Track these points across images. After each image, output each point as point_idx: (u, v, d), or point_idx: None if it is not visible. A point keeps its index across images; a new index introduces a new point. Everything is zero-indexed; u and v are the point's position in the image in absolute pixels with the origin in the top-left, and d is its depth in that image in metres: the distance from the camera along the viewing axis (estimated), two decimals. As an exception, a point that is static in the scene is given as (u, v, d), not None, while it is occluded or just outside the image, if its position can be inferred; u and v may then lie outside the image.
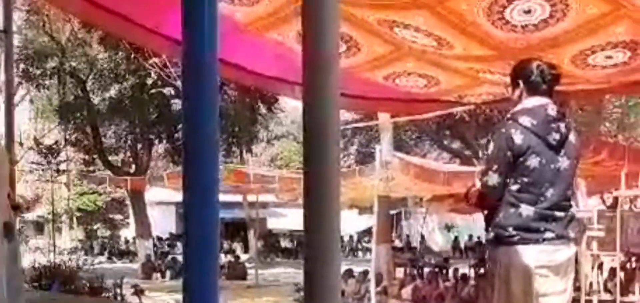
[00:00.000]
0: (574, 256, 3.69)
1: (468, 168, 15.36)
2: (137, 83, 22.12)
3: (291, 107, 27.64)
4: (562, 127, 3.57)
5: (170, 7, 3.00)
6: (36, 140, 24.83)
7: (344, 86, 5.14)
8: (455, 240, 32.02)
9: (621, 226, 10.95)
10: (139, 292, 13.33)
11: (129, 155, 25.33)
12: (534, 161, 3.50)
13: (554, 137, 3.53)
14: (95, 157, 25.09)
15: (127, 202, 29.16)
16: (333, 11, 1.85)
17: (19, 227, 6.58)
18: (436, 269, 17.92)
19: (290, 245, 33.87)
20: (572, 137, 3.62)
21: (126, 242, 33.45)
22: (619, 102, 21.29)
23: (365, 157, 25.19)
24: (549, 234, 3.51)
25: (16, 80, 19.72)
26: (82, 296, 11.31)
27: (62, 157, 24.94)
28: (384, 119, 16.52)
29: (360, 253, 33.00)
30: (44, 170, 23.36)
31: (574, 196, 3.83)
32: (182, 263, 2.03)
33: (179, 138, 22.74)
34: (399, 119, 15.92)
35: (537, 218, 3.50)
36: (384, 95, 6.21)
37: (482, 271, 15.31)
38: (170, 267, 23.27)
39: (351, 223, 31.39)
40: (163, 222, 31.59)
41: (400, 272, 18.33)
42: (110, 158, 24.78)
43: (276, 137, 37.17)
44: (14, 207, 4.87)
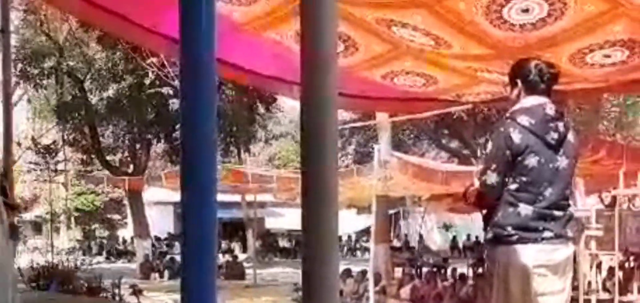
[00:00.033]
0: (572, 255, 3.70)
1: (466, 167, 15.34)
2: (135, 83, 22.08)
3: (289, 106, 27.65)
4: (561, 126, 3.57)
5: (168, 6, 3.00)
6: (34, 140, 24.84)
7: (342, 85, 5.14)
8: (454, 240, 32.03)
9: (620, 225, 10.95)
10: (137, 292, 13.30)
11: (127, 155, 25.31)
12: (532, 160, 3.50)
13: (553, 137, 3.54)
14: (93, 156, 25.03)
15: (125, 202, 29.18)
16: (331, 10, 1.84)
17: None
18: (434, 269, 17.91)
19: (288, 244, 33.91)
20: (570, 136, 3.63)
21: (124, 242, 33.44)
22: (616, 101, 21.33)
23: (363, 157, 25.20)
24: (547, 233, 3.51)
25: (14, 80, 19.68)
26: (80, 296, 11.29)
27: (60, 156, 24.98)
28: (382, 118, 16.51)
29: (358, 253, 33.03)
30: (41, 170, 23.41)
31: (572, 195, 3.83)
32: (180, 263, 2.03)
33: (176, 138, 22.70)
34: (397, 118, 15.91)
35: (536, 218, 3.50)
36: (382, 94, 6.21)
37: (480, 270, 15.32)
38: (169, 266, 23.25)
39: (349, 223, 31.39)
40: (161, 221, 31.57)
41: (398, 272, 18.31)
42: (108, 158, 24.75)
43: (274, 137, 37.14)
44: (12, 207, 4.87)
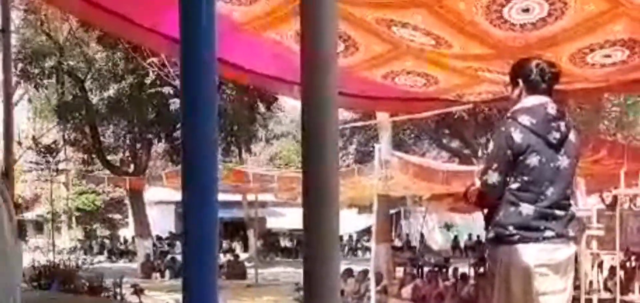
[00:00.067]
0: (573, 255, 3.69)
1: (467, 167, 15.35)
2: (136, 82, 22.06)
3: (290, 106, 27.64)
4: (562, 126, 3.57)
5: (168, 6, 3.00)
6: (35, 139, 24.83)
7: (343, 85, 5.15)
8: (455, 239, 32.06)
9: (621, 225, 10.96)
10: (138, 291, 13.32)
11: (127, 154, 25.30)
12: (534, 160, 3.50)
13: (554, 136, 3.53)
14: (94, 156, 25.01)
15: (126, 202, 29.16)
16: (331, 10, 1.84)
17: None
18: (436, 268, 17.92)
19: (289, 244, 33.90)
20: (572, 136, 3.62)
21: (125, 241, 33.44)
22: (617, 100, 21.31)
23: (364, 156, 25.19)
24: (549, 233, 3.51)
25: (14, 79, 19.71)
26: (81, 295, 11.30)
27: (61, 156, 24.94)
28: (383, 118, 16.52)
29: (359, 253, 33.01)
30: (42, 169, 23.37)
31: (574, 195, 3.83)
32: (181, 263, 2.03)
33: (177, 137, 22.70)
34: (397, 118, 15.92)
35: (537, 217, 3.50)
36: (383, 94, 6.21)
37: (481, 270, 15.31)
38: (170, 266, 23.25)
39: (350, 222, 31.39)
40: (162, 221, 31.56)
41: (399, 271, 18.33)
42: (109, 158, 24.74)
43: (275, 136, 37.17)
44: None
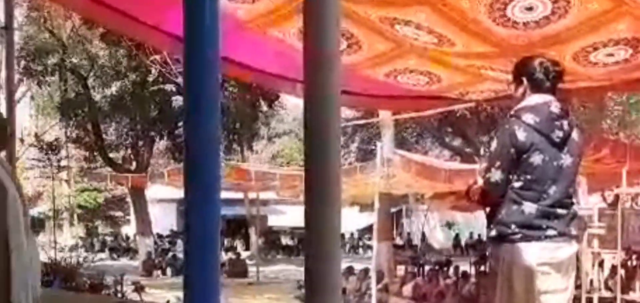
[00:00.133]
0: (575, 254, 3.69)
1: (469, 165, 15.33)
2: (138, 80, 22.10)
3: (292, 104, 27.61)
4: (566, 125, 3.57)
5: (172, 3, 3.00)
6: (37, 136, 24.87)
7: (345, 83, 5.15)
8: (456, 238, 32.09)
9: (622, 224, 10.94)
10: (139, 289, 13.31)
11: (129, 152, 25.29)
12: (537, 158, 3.50)
13: (558, 135, 3.53)
14: (96, 154, 25.03)
15: (128, 199, 29.17)
16: (334, 8, 1.84)
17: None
18: (437, 267, 17.88)
19: (291, 242, 33.89)
20: (575, 135, 3.62)
21: (127, 239, 33.47)
22: (620, 99, 21.27)
23: (366, 155, 25.20)
24: (551, 232, 3.51)
25: (17, 76, 19.74)
26: (82, 293, 11.32)
27: (63, 153, 24.98)
28: (385, 116, 16.52)
29: (361, 251, 32.99)
30: (44, 166, 23.42)
31: (575, 193, 3.83)
32: (182, 261, 2.03)
33: (179, 135, 22.73)
34: (400, 116, 15.92)
35: (540, 216, 3.50)
36: (385, 92, 6.20)
37: (483, 268, 15.32)
38: (171, 264, 23.28)
39: (352, 220, 31.40)
40: (164, 219, 31.58)
41: (401, 270, 18.32)
42: (111, 155, 24.75)
43: (277, 135, 37.18)
44: None
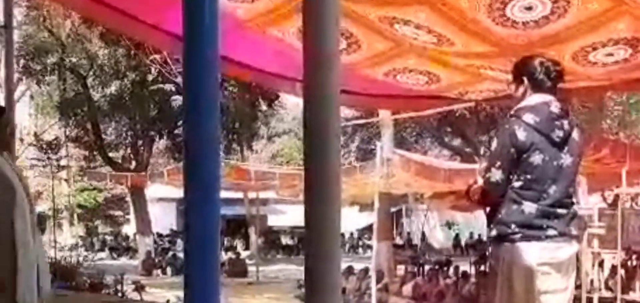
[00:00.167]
0: (575, 254, 3.69)
1: (469, 165, 15.33)
2: (138, 79, 22.09)
3: (292, 103, 27.60)
4: (566, 124, 3.57)
5: (171, 3, 3.00)
6: (36, 136, 24.85)
7: (345, 83, 5.14)
8: (456, 238, 32.07)
9: (622, 224, 10.93)
10: (139, 288, 13.32)
11: (129, 151, 25.28)
12: (537, 158, 3.49)
13: (558, 134, 3.53)
14: (95, 153, 25.02)
15: (128, 199, 29.14)
16: (334, 8, 1.84)
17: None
18: (437, 266, 17.87)
19: (290, 242, 33.87)
20: (575, 134, 3.62)
21: (126, 238, 33.45)
22: (620, 99, 21.26)
23: (366, 154, 25.21)
24: (551, 232, 3.51)
25: (16, 76, 19.70)
26: (82, 292, 11.32)
27: (63, 153, 24.95)
28: (385, 115, 16.52)
29: (361, 251, 32.98)
30: (44, 166, 23.40)
31: (575, 193, 3.82)
32: (182, 260, 2.03)
33: (179, 134, 22.73)
34: (399, 116, 15.91)
35: (540, 216, 3.50)
36: (385, 92, 6.20)
37: (482, 268, 15.32)
38: (171, 263, 23.27)
39: (352, 220, 31.38)
40: (163, 218, 31.56)
41: (401, 269, 18.33)
42: (110, 155, 24.72)
43: (277, 134, 37.16)
44: None
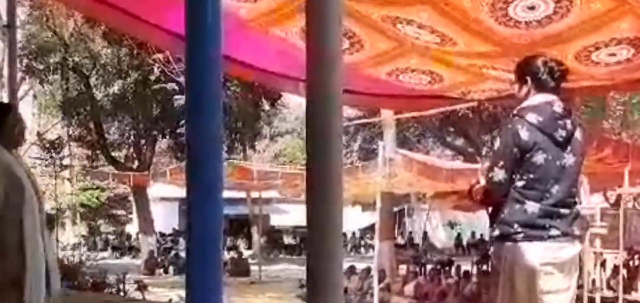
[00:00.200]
0: (578, 254, 3.69)
1: (471, 165, 15.33)
2: (140, 79, 22.09)
3: (295, 103, 27.64)
4: (569, 124, 3.57)
5: (173, 2, 3.00)
6: (39, 135, 24.84)
7: (347, 82, 5.14)
8: (458, 237, 32.02)
9: (624, 224, 10.92)
10: (142, 287, 13.34)
11: (132, 150, 25.30)
12: (539, 157, 3.49)
13: (560, 134, 3.53)
14: (98, 152, 25.06)
15: (131, 198, 29.15)
16: (337, 7, 1.84)
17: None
18: (439, 266, 17.88)
19: (293, 241, 33.86)
20: (578, 134, 3.62)
21: (129, 237, 33.48)
22: (622, 99, 21.22)
23: (368, 154, 25.21)
24: (554, 231, 3.50)
25: (19, 75, 19.74)
26: (85, 291, 11.34)
27: (65, 152, 24.96)
28: (387, 115, 16.50)
29: (363, 250, 32.97)
30: (47, 165, 23.38)
31: (578, 193, 3.82)
32: (185, 259, 2.03)
33: (182, 134, 22.71)
34: (402, 116, 15.89)
35: (543, 215, 3.49)
36: (387, 91, 6.20)
37: (484, 268, 15.32)
38: (173, 262, 23.27)
39: (354, 220, 31.39)
40: (166, 217, 31.58)
41: (402, 269, 18.31)
42: (113, 154, 24.74)
43: (280, 134, 37.19)
44: None
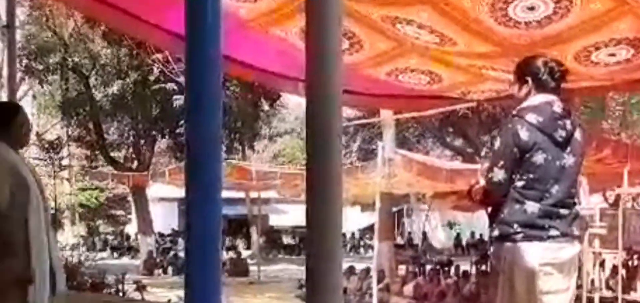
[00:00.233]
0: (577, 254, 3.69)
1: (470, 165, 15.34)
2: (140, 79, 22.08)
3: (294, 103, 27.63)
4: (568, 124, 3.57)
5: (173, 2, 3.00)
6: (39, 135, 24.83)
7: (347, 83, 5.14)
8: (457, 237, 32.01)
9: (623, 224, 10.92)
10: (141, 288, 13.33)
11: (131, 151, 25.28)
12: (539, 157, 3.49)
13: (560, 134, 3.53)
14: (97, 152, 25.03)
15: (129, 198, 29.15)
16: (336, 7, 1.84)
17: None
18: (438, 266, 17.88)
19: (292, 241, 33.85)
20: (577, 135, 3.62)
21: (128, 238, 33.46)
22: (621, 99, 21.23)
23: (367, 154, 25.22)
24: (553, 232, 3.50)
25: (19, 75, 19.72)
26: (84, 292, 11.33)
27: (65, 152, 24.97)
28: (387, 115, 16.50)
29: (362, 251, 32.94)
30: (46, 165, 23.38)
31: (577, 194, 3.82)
32: (183, 260, 2.03)
33: (181, 134, 22.70)
34: (401, 116, 15.90)
35: (542, 215, 3.49)
36: (387, 91, 6.20)
37: (484, 268, 15.32)
38: (172, 263, 23.27)
39: (353, 220, 31.39)
40: (165, 218, 31.56)
41: (402, 269, 18.32)
42: (112, 154, 24.72)
43: (279, 134, 37.18)
44: None
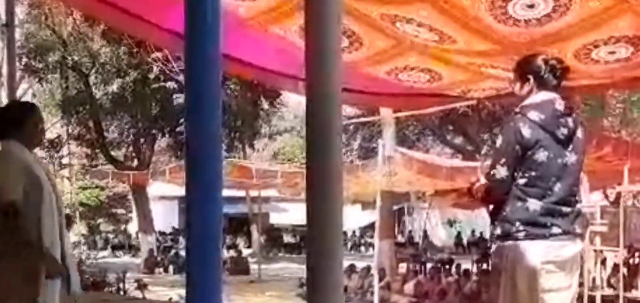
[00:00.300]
0: (579, 252, 3.69)
1: (471, 163, 15.34)
2: (140, 77, 22.08)
3: (294, 101, 27.62)
4: (570, 122, 3.57)
5: (173, 1, 3.00)
6: (39, 134, 24.80)
7: (347, 81, 5.13)
8: (458, 236, 32.04)
9: (624, 221, 10.93)
10: (141, 286, 13.36)
11: (131, 149, 25.30)
12: (541, 155, 3.50)
13: (562, 132, 3.53)
14: (97, 151, 25.05)
15: (130, 197, 29.16)
16: (336, 6, 1.84)
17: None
18: (439, 264, 17.89)
19: (292, 240, 33.86)
20: (579, 132, 3.62)
21: (129, 236, 33.48)
22: (621, 97, 21.22)
23: (367, 152, 25.20)
24: (555, 230, 3.50)
25: (18, 74, 19.72)
26: (85, 291, 11.32)
27: (65, 151, 24.96)
28: (387, 114, 16.52)
29: (362, 249, 32.95)
30: (46, 164, 23.40)
31: (579, 192, 3.83)
32: (184, 258, 2.03)
33: (181, 132, 22.71)
34: (401, 114, 15.91)
35: (544, 213, 3.50)
36: (387, 90, 6.20)
37: (484, 266, 15.33)
38: (173, 261, 23.28)
39: (354, 218, 31.40)
40: (166, 216, 31.59)
41: (402, 268, 18.35)
42: (112, 153, 24.73)
43: (279, 132, 37.19)
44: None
